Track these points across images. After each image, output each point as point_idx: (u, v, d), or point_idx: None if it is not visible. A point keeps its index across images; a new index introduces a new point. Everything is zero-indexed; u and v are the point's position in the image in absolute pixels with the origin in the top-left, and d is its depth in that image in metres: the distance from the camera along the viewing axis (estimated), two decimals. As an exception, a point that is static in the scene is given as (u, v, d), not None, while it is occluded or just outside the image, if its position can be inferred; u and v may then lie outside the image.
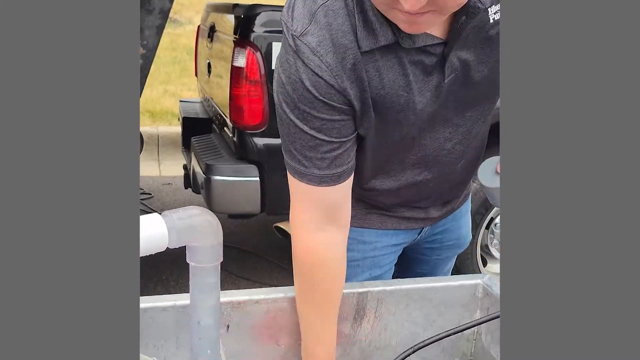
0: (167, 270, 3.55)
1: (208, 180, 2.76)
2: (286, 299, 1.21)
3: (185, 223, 0.82)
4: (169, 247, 0.82)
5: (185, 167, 3.72)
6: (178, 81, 8.71)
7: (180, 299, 1.16)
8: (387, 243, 1.39)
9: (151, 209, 4.54)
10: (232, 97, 2.77)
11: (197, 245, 0.84)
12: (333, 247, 1.15)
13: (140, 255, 0.80)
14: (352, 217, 1.28)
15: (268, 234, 3.86)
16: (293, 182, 1.12)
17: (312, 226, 1.12)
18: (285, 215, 3.04)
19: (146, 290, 3.17)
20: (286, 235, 2.96)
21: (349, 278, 1.37)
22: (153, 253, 0.81)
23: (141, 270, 1.01)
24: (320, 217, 1.12)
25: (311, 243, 1.13)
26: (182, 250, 0.85)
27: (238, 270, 3.56)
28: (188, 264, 0.86)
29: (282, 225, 2.92)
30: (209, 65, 3.63)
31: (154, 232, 0.79)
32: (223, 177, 2.76)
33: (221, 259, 0.87)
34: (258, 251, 3.81)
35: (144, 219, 0.79)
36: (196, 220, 0.83)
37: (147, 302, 1.15)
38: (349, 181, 1.14)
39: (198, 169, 2.98)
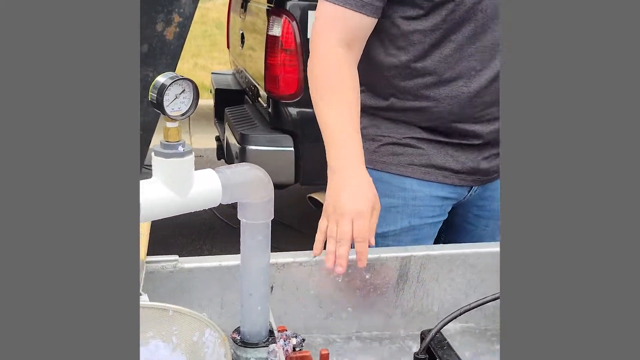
0: (200, 240, 3.59)
1: (243, 150, 2.77)
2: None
3: (238, 179, 0.82)
4: (222, 202, 0.82)
5: (218, 139, 3.74)
6: (208, 55, 8.72)
7: (225, 260, 1.17)
8: (429, 194, 1.42)
9: (183, 180, 4.58)
10: (267, 67, 2.77)
11: (249, 201, 0.84)
12: (347, 62, 1.27)
13: (194, 210, 0.80)
14: (395, 165, 1.38)
15: (301, 204, 3.88)
16: (320, 6, 1.28)
17: (332, 42, 1.26)
18: (319, 185, 3.05)
19: (180, 259, 3.20)
20: (320, 206, 2.96)
21: (387, 223, 1.41)
22: (207, 208, 0.82)
23: (174, 240, 1.02)
24: (339, 38, 1.26)
25: (330, 52, 1.27)
26: (213, 221, 0.85)
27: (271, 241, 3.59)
28: (218, 234, 0.86)
29: (315, 195, 2.93)
30: (242, 36, 3.62)
31: (208, 187, 0.80)
32: (258, 146, 2.76)
33: (272, 216, 0.87)
34: (291, 222, 3.82)
35: (199, 174, 0.80)
36: (248, 177, 0.83)
37: (192, 263, 1.16)
38: (369, 23, 1.28)
39: (232, 140, 2.99)
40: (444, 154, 1.41)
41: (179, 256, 1.17)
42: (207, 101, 6.81)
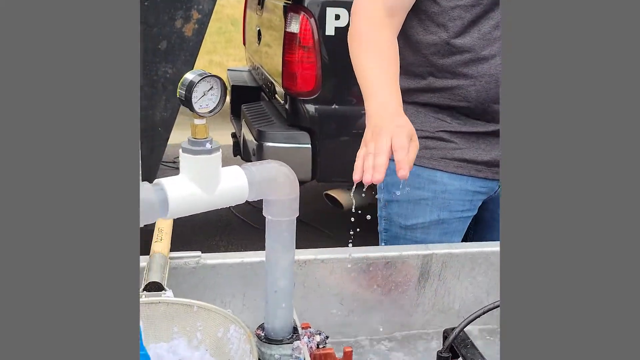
0: (217, 237, 3.60)
1: (260, 147, 2.77)
2: (351, 260, 1.21)
3: (264, 176, 0.82)
4: (248, 199, 0.83)
5: (234, 135, 3.75)
6: (223, 51, 8.73)
7: (247, 257, 1.18)
8: (460, 187, 1.43)
9: (199, 176, 4.59)
10: (285, 64, 2.76)
11: (275, 198, 0.84)
12: (390, 27, 1.31)
13: (221, 207, 0.80)
14: (427, 158, 1.39)
15: (318, 202, 3.88)
16: None
17: (377, 5, 1.30)
18: (335, 182, 3.04)
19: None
20: (336, 204, 2.96)
21: (416, 216, 1.42)
22: (233, 205, 0.82)
23: (191, 237, 1.02)
24: (384, 2, 1.30)
25: (374, 15, 1.30)
26: (230, 218, 0.85)
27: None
28: (235, 231, 0.87)
29: (332, 193, 2.92)
30: (259, 33, 3.62)
31: (235, 184, 0.80)
32: (275, 143, 2.76)
33: (297, 214, 0.87)
34: (308, 219, 3.83)
35: (225, 171, 0.80)
36: (274, 174, 0.83)
37: (215, 259, 1.16)
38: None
39: (249, 136, 2.99)
40: (476, 148, 1.41)
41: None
42: (222, 98, 6.85)
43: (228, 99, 4.56)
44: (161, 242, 1.11)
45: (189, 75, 0.74)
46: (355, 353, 1.14)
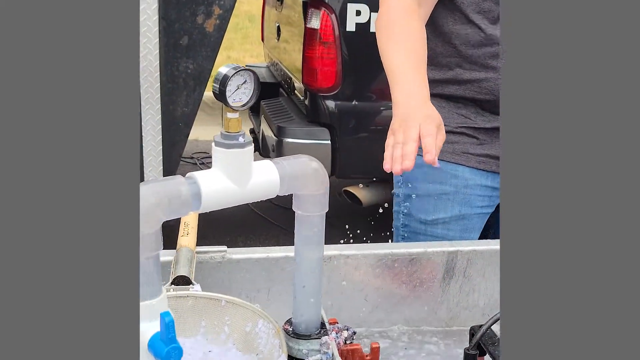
0: (235, 233, 3.61)
1: (279, 143, 2.77)
2: (376, 256, 1.20)
3: (295, 171, 0.82)
4: (278, 194, 0.82)
5: (252, 131, 3.75)
6: (240, 47, 8.74)
7: (272, 252, 1.18)
8: (481, 183, 1.43)
9: (217, 172, 4.61)
10: (305, 60, 2.76)
11: (305, 193, 0.84)
12: (418, 16, 1.31)
13: (252, 201, 0.80)
14: (449, 152, 1.39)
15: (337, 198, 3.87)
16: None
17: (405, 2, 1.30)
18: (354, 179, 3.04)
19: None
20: (355, 200, 2.95)
21: (437, 210, 1.42)
22: (264, 199, 0.82)
23: (208, 234, 1.03)
24: None
25: (402, 2, 1.30)
26: (247, 214, 0.85)
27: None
28: (252, 227, 0.87)
29: (351, 189, 2.92)
30: (278, 29, 3.62)
31: (266, 179, 0.80)
32: (294, 139, 2.76)
33: (327, 209, 0.87)
34: (327, 215, 3.82)
35: (257, 165, 0.80)
36: (305, 169, 0.83)
37: (240, 254, 1.16)
38: None
39: (268, 132, 2.99)
40: (499, 144, 1.40)
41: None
42: (239, 94, 6.86)
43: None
44: (187, 236, 1.11)
45: (223, 69, 0.74)
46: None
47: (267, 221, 3.74)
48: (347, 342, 0.94)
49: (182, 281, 0.99)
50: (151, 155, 2.36)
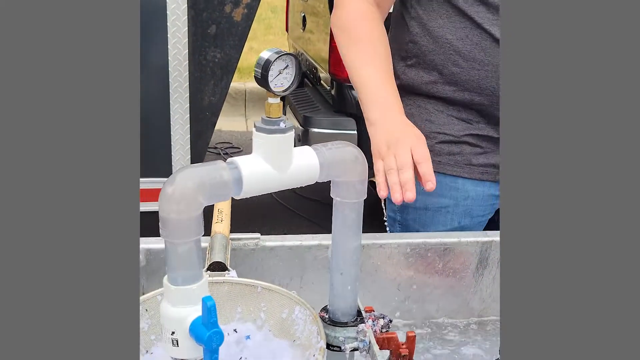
0: (258, 222, 3.62)
1: (306, 133, 2.77)
2: (409, 246, 1.20)
3: (335, 157, 0.81)
4: (318, 181, 0.82)
5: (277, 121, 3.74)
6: (263, 38, 8.74)
7: (305, 239, 1.17)
8: (483, 193, 1.36)
9: (240, 162, 4.62)
10: (332, 50, 2.75)
11: (344, 179, 0.84)
12: (377, 17, 1.26)
13: (292, 187, 0.80)
14: (450, 165, 1.32)
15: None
16: None
17: (362, 4, 1.24)
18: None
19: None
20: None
21: (435, 224, 1.37)
22: (303, 185, 0.81)
23: (233, 223, 1.03)
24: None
25: (360, 5, 1.25)
26: (271, 204, 0.84)
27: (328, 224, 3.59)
28: (275, 216, 0.86)
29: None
30: (304, 19, 3.61)
31: (306, 164, 0.79)
32: (321, 129, 2.76)
33: (365, 196, 0.86)
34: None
35: (297, 151, 0.79)
36: (345, 155, 0.83)
37: (274, 241, 1.16)
38: None
39: (294, 123, 2.99)
40: None
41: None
42: (262, 84, 6.86)
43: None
44: (222, 223, 1.12)
45: (264, 54, 0.73)
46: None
47: (291, 211, 3.75)
48: (383, 330, 0.94)
49: (217, 267, 0.99)
50: (179, 144, 2.37)
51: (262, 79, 0.73)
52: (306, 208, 3.81)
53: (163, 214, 0.70)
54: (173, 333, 0.73)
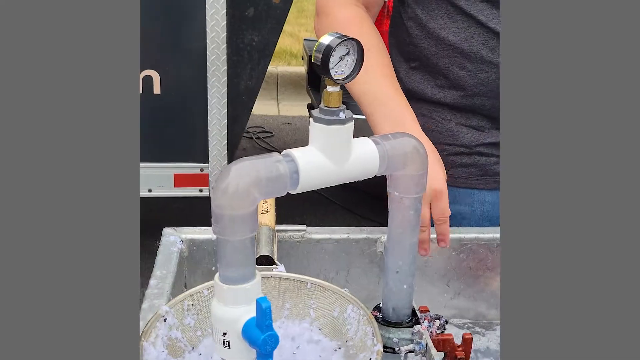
0: (297, 212, 3.58)
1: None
2: (461, 241, 1.14)
3: (396, 150, 0.77)
4: (377, 174, 0.77)
5: (311, 106, 3.70)
6: (295, 21, 8.67)
7: (353, 232, 1.13)
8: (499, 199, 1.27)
9: (272, 147, 4.60)
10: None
11: (404, 173, 0.79)
12: (368, 20, 1.15)
13: (351, 181, 0.75)
14: (464, 178, 1.25)
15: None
16: None
17: (351, 8, 1.15)
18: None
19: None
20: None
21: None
22: (361, 179, 0.77)
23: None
24: (353, 2, 1.15)
25: (348, 10, 1.15)
26: (309, 194, 0.79)
27: (362, 211, 3.54)
28: (314, 205, 0.81)
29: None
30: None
31: (366, 157, 0.75)
32: (356, 115, 2.69)
33: (425, 190, 0.81)
34: (383, 194, 3.76)
35: (356, 143, 0.74)
36: (406, 148, 0.78)
37: (321, 234, 1.12)
38: None
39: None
40: None
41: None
42: (295, 68, 6.82)
43: (304, 69, 4.51)
44: (267, 214, 1.08)
45: (325, 39, 0.68)
46: (458, 337, 1.08)
47: (329, 200, 3.71)
48: (439, 331, 0.89)
49: (265, 261, 0.96)
50: (215, 129, 2.34)
51: (322, 66, 0.68)
52: (342, 197, 3.76)
53: (216, 209, 0.66)
54: (225, 334, 0.69)
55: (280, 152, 0.70)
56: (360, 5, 1.16)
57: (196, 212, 2.25)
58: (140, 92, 2.36)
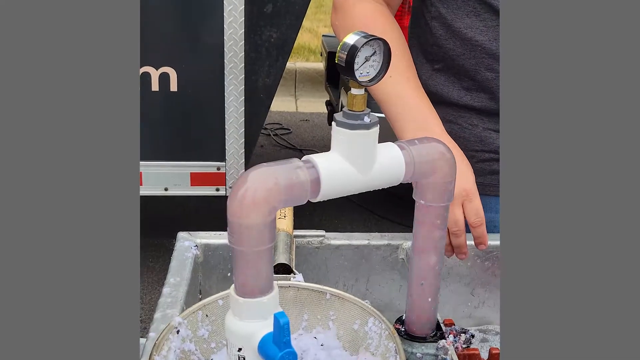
0: (317, 213, 3.55)
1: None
2: (488, 247, 1.10)
3: (423, 156, 0.72)
4: (402, 182, 0.73)
5: (329, 104, 3.66)
6: (314, 17, 8.63)
7: (374, 239, 1.09)
8: None
9: (290, 144, 4.56)
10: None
11: (431, 181, 0.74)
12: (389, 14, 1.10)
13: (374, 189, 0.71)
14: (494, 185, 1.19)
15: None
16: None
17: (370, 3, 1.09)
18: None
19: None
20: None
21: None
22: (386, 187, 0.72)
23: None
24: None
25: (367, 4, 1.09)
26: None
27: (381, 211, 3.49)
28: (337, 208, 0.77)
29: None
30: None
31: (391, 164, 0.70)
32: (378, 113, 2.65)
33: (452, 199, 0.77)
34: (401, 192, 3.72)
35: (381, 149, 0.70)
36: (434, 154, 0.73)
37: (340, 240, 1.08)
38: None
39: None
40: None
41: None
42: (313, 64, 6.77)
43: (323, 65, 4.46)
44: (285, 219, 1.04)
45: (350, 39, 0.64)
46: (484, 348, 1.04)
47: (345, 198, 3.66)
48: (464, 346, 0.85)
49: (282, 269, 0.92)
50: (233, 127, 2.31)
51: (347, 67, 0.64)
52: (364, 198, 3.72)
53: (232, 219, 0.62)
54: (240, 349, 0.65)
55: (298, 149, 0.67)
56: (381, 1, 1.11)
57: (213, 211, 2.22)
58: (157, 89, 2.33)
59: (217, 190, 2.44)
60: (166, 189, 2.43)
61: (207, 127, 2.33)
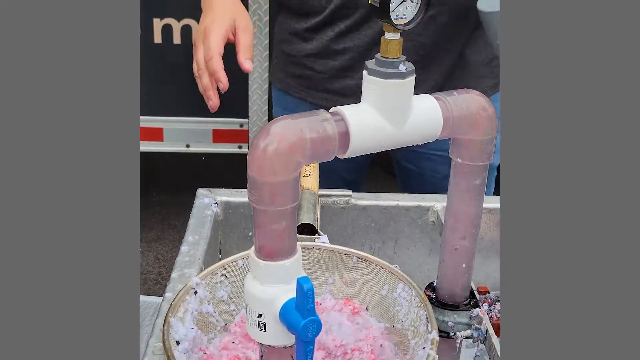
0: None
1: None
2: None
3: (462, 110, 0.66)
4: (439, 138, 0.67)
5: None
6: None
7: (402, 199, 1.03)
8: None
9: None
10: None
11: (470, 137, 0.68)
12: None
13: (408, 145, 0.65)
14: None
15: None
16: None
17: None
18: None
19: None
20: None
21: None
22: (421, 143, 0.66)
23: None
24: None
25: None
26: None
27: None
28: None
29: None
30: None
31: (427, 118, 0.64)
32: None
33: (492, 158, 0.71)
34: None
35: (417, 100, 0.64)
36: (473, 108, 0.67)
37: (367, 200, 1.03)
38: None
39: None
40: None
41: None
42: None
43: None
44: (310, 177, 0.98)
45: (385, -24, 0.57)
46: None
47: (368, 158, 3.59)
48: (499, 315, 0.80)
49: (306, 230, 0.87)
50: (257, 82, 2.24)
51: (381, 9, 0.57)
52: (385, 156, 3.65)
53: (253, 174, 0.57)
54: (260, 315, 0.61)
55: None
56: None
57: (235, 169, 2.17)
58: (179, 42, 2.26)
59: (240, 147, 2.39)
60: (188, 146, 2.38)
61: (230, 82, 2.26)
